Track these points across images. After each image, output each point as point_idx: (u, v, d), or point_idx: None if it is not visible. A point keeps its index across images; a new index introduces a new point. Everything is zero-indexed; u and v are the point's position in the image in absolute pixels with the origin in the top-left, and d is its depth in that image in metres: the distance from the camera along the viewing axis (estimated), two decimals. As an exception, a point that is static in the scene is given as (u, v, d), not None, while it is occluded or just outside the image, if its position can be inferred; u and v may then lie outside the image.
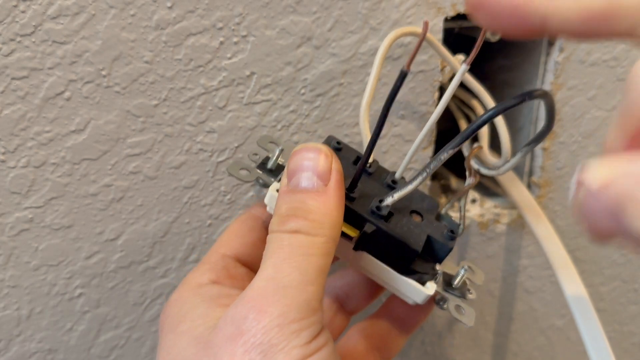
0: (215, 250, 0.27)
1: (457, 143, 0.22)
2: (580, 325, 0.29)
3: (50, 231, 0.30)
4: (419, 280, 0.25)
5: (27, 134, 0.28)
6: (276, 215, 0.23)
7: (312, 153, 0.23)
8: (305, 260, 0.21)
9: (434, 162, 0.23)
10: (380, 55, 0.28)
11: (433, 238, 0.25)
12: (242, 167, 0.26)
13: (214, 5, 0.28)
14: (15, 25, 0.25)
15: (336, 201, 0.22)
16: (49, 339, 0.33)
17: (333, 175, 0.23)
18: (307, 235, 0.22)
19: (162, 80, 0.28)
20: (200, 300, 0.24)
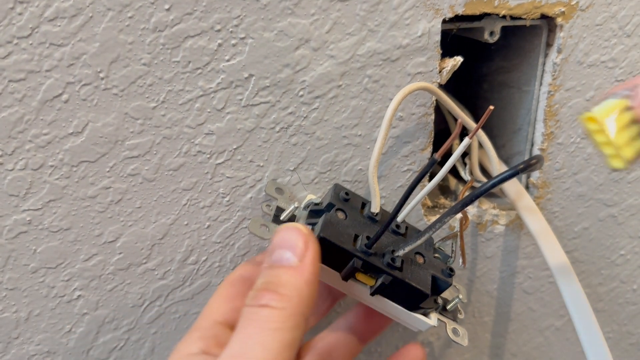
0: (206, 316, 0.28)
1: (459, 207, 0.25)
2: (578, 326, 0.29)
3: (48, 234, 0.30)
4: (423, 313, 0.28)
5: (25, 136, 0.27)
6: (252, 289, 0.23)
7: (291, 231, 0.24)
8: (270, 336, 0.21)
9: (438, 224, 0.25)
10: (388, 117, 0.29)
11: (436, 277, 0.28)
12: (261, 223, 0.29)
13: (211, 7, 0.27)
14: (12, 27, 0.25)
15: (308, 277, 0.23)
16: (48, 341, 0.33)
17: (308, 252, 0.24)
18: (274, 309, 0.22)
19: (160, 83, 0.28)
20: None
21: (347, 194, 0.29)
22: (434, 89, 0.31)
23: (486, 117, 0.23)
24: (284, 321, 0.22)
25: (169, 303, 0.34)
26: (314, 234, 0.26)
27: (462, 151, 0.24)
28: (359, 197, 0.30)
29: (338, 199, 0.29)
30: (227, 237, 0.33)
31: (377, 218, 0.29)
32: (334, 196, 0.29)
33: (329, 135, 0.32)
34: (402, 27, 0.31)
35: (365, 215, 0.29)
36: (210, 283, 0.34)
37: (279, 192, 0.31)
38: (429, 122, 0.33)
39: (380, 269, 0.26)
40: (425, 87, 0.30)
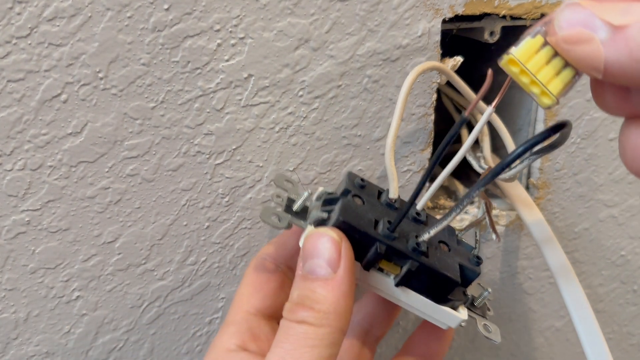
0: (238, 308, 0.28)
1: (487, 180, 0.23)
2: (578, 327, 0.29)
3: (47, 234, 0.30)
4: (452, 306, 0.26)
5: (24, 136, 0.27)
6: (289, 301, 0.24)
7: (324, 240, 0.24)
8: (309, 353, 0.22)
9: (466, 199, 0.23)
10: (404, 93, 0.28)
11: (464, 266, 0.26)
12: (272, 212, 0.27)
13: (211, 7, 0.27)
14: (11, 27, 0.25)
15: (344, 289, 0.23)
16: (47, 342, 0.32)
17: (342, 261, 0.23)
18: (311, 326, 0.22)
19: (159, 83, 0.28)
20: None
21: (362, 180, 0.28)
22: (446, 68, 0.30)
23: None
24: (322, 338, 0.22)
25: (168, 304, 0.34)
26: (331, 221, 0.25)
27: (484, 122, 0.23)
28: (374, 186, 0.29)
29: (353, 186, 0.27)
30: (226, 237, 0.33)
31: (396, 205, 0.27)
32: (348, 183, 0.27)
33: (328, 135, 0.32)
34: (402, 27, 0.30)
35: (383, 202, 0.27)
36: (209, 284, 0.34)
37: (288, 184, 0.30)
38: (429, 122, 0.33)
39: (405, 254, 0.25)
40: (437, 67, 0.30)
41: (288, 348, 0.22)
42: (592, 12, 0.17)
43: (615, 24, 0.16)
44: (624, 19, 0.16)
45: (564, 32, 0.18)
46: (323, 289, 0.23)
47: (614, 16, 0.16)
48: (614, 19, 0.16)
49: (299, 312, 0.23)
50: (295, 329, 0.22)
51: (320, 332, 0.22)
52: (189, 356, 0.36)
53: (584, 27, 0.17)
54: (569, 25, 0.17)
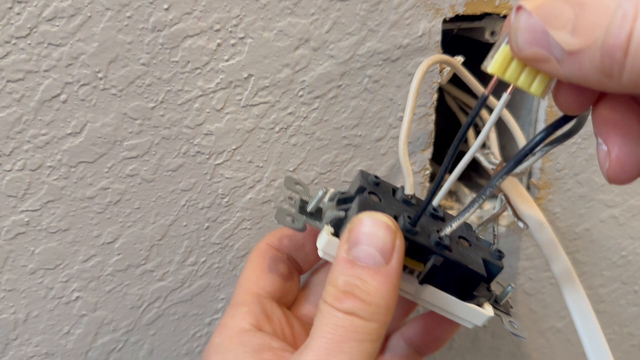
0: (247, 290, 0.27)
1: (510, 168, 0.22)
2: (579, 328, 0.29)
3: (46, 234, 0.30)
4: (477, 303, 0.25)
5: (23, 136, 0.27)
6: (332, 285, 0.22)
7: (379, 226, 0.22)
8: (357, 347, 0.21)
9: (488, 188, 0.23)
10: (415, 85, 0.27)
11: (487, 260, 0.25)
12: (287, 213, 0.26)
13: (211, 7, 0.27)
14: (11, 27, 0.25)
15: (395, 283, 0.22)
16: (46, 342, 0.32)
17: (395, 254, 0.22)
18: (362, 319, 0.21)
19: (159, 83, 0.28)
20: (242, 351, 0.24)
21: (376, 177, 0.27)
22: (454, 62, 0.30)
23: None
24: (370, 333, 0.21)
25: (168, 304, 0.34)
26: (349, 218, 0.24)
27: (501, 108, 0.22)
28: (388, 184, 0.28)
29: (368, 183, 0.26)
30: (226, 238, 0.33)
31: (412, 201, 0.27)
32: (363, 181, 0.26)
33: (328, 135, 0.32)
34: (402, 27, 0.30)
35: (399, 199, 0.27)
36: (209, 284, 0.34)
37: (299, 187, 0.29)
38: (430, 122, 0.33)
39: (429, 248, 0.24)
40: (445, 60, 0.29)
41: (334, 340, 0.21)
42: (545, 30, 0.17)
43: (566, 50, 0.17)
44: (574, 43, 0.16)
45: (523, 54, 0.18)
46: (374, 280, 0.22)
47: (565, 36, 0.17)
48: (565, 40, 0.17)
49: (347, 301, 0.21)
50: (342, 320, 0.21)
51: (370, 326, 0.21)
52: (189, 357, 0.36)
53: (540, 48, 0.17)
54: (525, 45, 0.18)
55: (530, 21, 0.17)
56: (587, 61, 0.16)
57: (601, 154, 0.19)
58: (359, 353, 0.21)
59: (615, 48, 0.16)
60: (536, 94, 0.19)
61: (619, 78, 0.16)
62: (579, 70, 0.17)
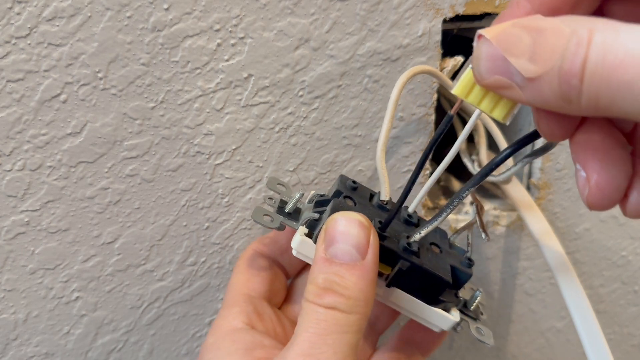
0: (238, 292, 0.28)
1: (476, 181, 0.23)
2: (579, 328, 0.29)
3: (46, 234, 0.30)
4: (444, 308, 0.26)
5: (23, 136, 0.27)
6: (312, 284, 0.23)
7: (353, 224, 0.23)
8: (339, 338, 0.22)
9: (456, 200, 0.23)
10: (393, 99, 0.28)
11: (455, 267, 0.26)
12: (264, 213, 0.27)
13: (211, 7, 0.27)
14: (11, 27, 0.25)
15: (372, 276, 0.23)
16: (46, 342, 0.32)
17: (370, 249, 0.23)
18: (343, 312, 0.22)
19: (159, 83, 0.28)
20: (235, 349, 0.25)
21: (354, 182, 0.28)
22: (437, 72, 0.30)
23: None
24: (351, 325, 0.22)
25: (168, 304, 0.34)
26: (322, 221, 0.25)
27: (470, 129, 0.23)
28: (367, 188, 0.29)
29: (345, 188, 0.27)
30: (226, 238, 0.33)
31: (388, 207, 0.27)
32: (340, 185, 0.27)
33: (328, 135, 0.32)
34: (402, 27, 0.30)
35: (375, 204, 0.27)
36: (209, 284, 0.34)
37: (281, 187, 0.30)
38: (430, 122, 0.33)
39: (396, 253, 0.25)
40: (428, 70, 0.30)
41: (318, 333, 0.22)
42: (504, 58, 0.17)
43: (526, 77, 0.17)
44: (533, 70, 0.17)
45: (485, 82, 0.18)
46: (352, 275, 0.23)
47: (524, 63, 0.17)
48: (524, 67, 0.17)
49: (327, 297, 0.22)
50: (324, 314, 0.22)
51: (350, 319, 0.22)
52: (189, 357, 0.36)
53: (501, 75, 0.18)
54: (487, 73, 0.18)
55: (490, 49, 0.18)
56: (547, 87, 0.17)
57: (580, 181, 0.19)
58: (342, 344, 0.22)
59: (571, 75, 0.16)
60: (498, 119, 0.20)
61: (577, 103, 0.16)
62: (539, 96, 0.17)
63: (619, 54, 0.15)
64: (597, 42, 0.15)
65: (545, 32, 0.17)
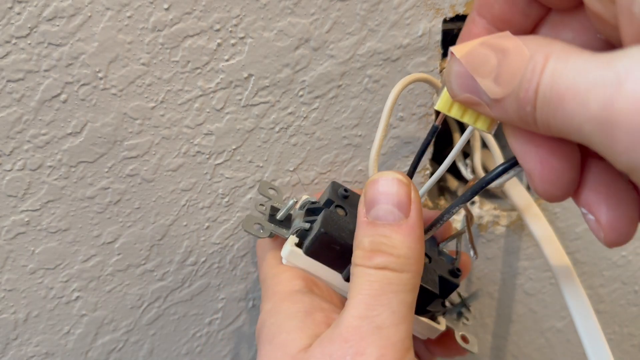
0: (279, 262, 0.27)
1: (467, 198, 0.23)
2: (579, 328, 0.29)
3: (47, 234, 0.30)
4: (431, 317, 0.26)
5: (23, 136, 0.27)
6: (359, 248, 0.23)
7: (391, 182, 0.23)
8: (396, 298, 0.21)
9: (446, 215, 0.23)
10: (388, 107, 0.28)
11: (443, 277, 0.26)
12: (255, 222, 0.27)
13: (211, 7, 0.27)
14: (11, 27, 0.25)
15: (418, 233, 0.23)
16: (46, 342, 0.32)
17: (413, 206, 0.23)
18: (394, 271, 0.22)
19: (159, 83, 0.28)
20: (295, 311, 0.24)
21: (345, 190, 0.28)
22: (433, 80, 0.30)
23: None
24: (405, 283, 0.22)
25: (168, 304, 0.34)
26: (313, 232, 0.25)
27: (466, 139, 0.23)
28: (358, 195, 0.29)
29: (337, 196, 0.27)
30: (226, 238, 0.33)
31: None
32: (332, 193, 0.27)
33: (329, 135, 0.32)
34: (402, 27, 0.30)
35: None
36: (209, 284, 0.34)
37: (273, 192, 0.30)
38: (430, 122, 0.33)
39: None
40: (424, 78, 0.30)
41: (373, 294, 0.21)
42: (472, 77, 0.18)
43: (491, 97, 0.17)
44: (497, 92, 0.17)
45: (457, 99, 0.19)
46: (398, 234, 0.22)
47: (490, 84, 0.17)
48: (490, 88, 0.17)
49: (377, 258, 0.22)
50: (375, 275, 0.22)
51: (403, 277, 0.22)
52: (189, 357, 0.36)
53: (471, 94, 0.18)
54: (458, 90, 0.18)
55: (460, 68, 0.18)
56: (509, 109, 0.17)
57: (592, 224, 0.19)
58: (398, 303, 0.21)
59: (525, 101, 0.16)
60: (482, 130, 0.20)
61: (535, 127, 0.17)
62: (505, 115, 0.17)
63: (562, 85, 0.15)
64: (549, 70, 0.15)
65: (509, 54, 0.17)
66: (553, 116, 0.15)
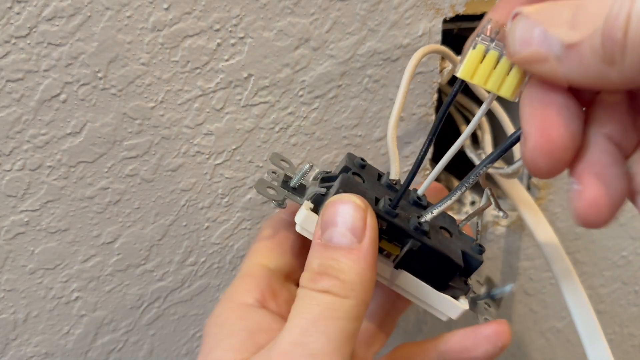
0: (255, 262, 0.26)
1: (494, 157, 0.22)
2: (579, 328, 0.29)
3: (46, 234, 0.30)
4: (452, 295, 0.25)
5: (23, 136, 0.27)
6: (308, 269, 0.22)
7: (347, 206, 0.22)
8: (333, 325, 0.20)
9: (472, 177, 0.22)
10: (408, 73, 0.27)
11: (466, 253, 0.25)
12: (267, 185, 0.25)
13: (211, 6, 0.27)
14: (10, 27, 0.25)
15: (369, 260, 0.22)
16: (46, 342, 0.32)
17: (367, 231, 0.22)
18: (336, 296, 0.21)
19: (158, 82, 0.28)
20: (239, 328, 0.23)
21: (363, 160, 0.26)
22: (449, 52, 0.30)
23: None
24: (347, 310, 0.21)
25: (168, 304, 0.34)
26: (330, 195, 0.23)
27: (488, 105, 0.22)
28: (375, 168, 0.27)
29: (354, 165, 0.26)
30: (226, 238, 0.33)
31: (397, 187, 0.26)
32: (349, 162, 0.26)
33: (328, 135, 0.32)
34: (402, 27, 0.30)
35: (384, 184, 0.26)
36: (209, 284, 0.34)
37: (285, 164, 0.28)
38: (430, 122, 0.33)
39: (406, 232, 0.23)
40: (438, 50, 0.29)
41: (310, 319, 0.20)
42: (544, 29, 0.17)
43: (566, 42, 0.16)
44: (574, 35, 0.16)
45: (520, 55, 0.18)
46: (347, 259, 0.21)
47: (564, 31, 0.16)
48: (565, 34, 0.16)
49: (322, 281, 0.21)
50: (318, 298, 0.21)
51: (345, 303, 0.21)
52: (189, 357, 0.36)
53: (538, 47, 0.17)
54: (523, 45, 0.18)
55: (528, 23, 0.17)
56: (588, 51, 0.16)
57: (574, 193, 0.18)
58: (336, 331, 0.20)
59: (615, 30, 0.15)
60: (506, 96, 0.19)
61: (621, 62, 0.16)
62: (579, 63, 0.16)
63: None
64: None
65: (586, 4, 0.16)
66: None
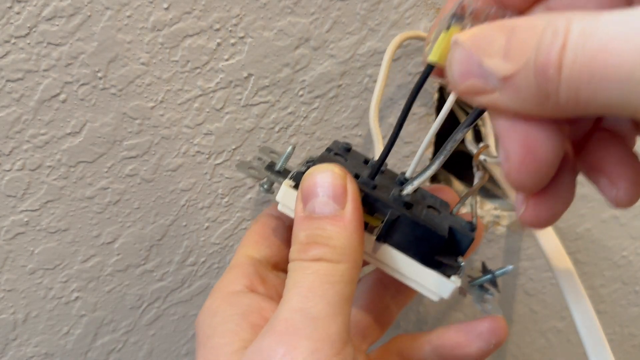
0: (243, 253, 0.27)
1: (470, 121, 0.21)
2: (580, 328, 0.29)
3: (46, 234, 0.30)
4: (443, 273, 0.23)
5: (23, 136, 0.27)
6: (295, 243, 0.22)
7: (325, 174, 0.22)
8: (331, 289, 0.20)
9: (450, 143, 0.22)
10: (387, 58, 0.27)
11: (455, 229, 0.24)
12: (249, 166, 0.25)
13: (211, 6, 0.27)
14: (10, 26, 0.25)
15: (355, 224, 0.22)
16: (46, 343, 0.32)
17: (350, 197, 0.22)
18: (330, 262, 0.21)
19: (158, 82, 0.28)
20: (230, 313, 0.23)
21: (347, 144, 0.26)
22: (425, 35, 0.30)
23: None
24: (342, 274, 0.21)
25: (168, 305, 0.34)
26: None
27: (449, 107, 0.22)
28: (361, 154, 0.27)
29: (337, 148, 0.26)
30: (226, 238, 0.33)
31: (382, 169, 0.26)
32: (332, 145, 0.26)
33: (328, 135, 0.32)
34: (402, 27, 0.30)
35: (368, 166, 0.26)
36: (209, 284, 0.34)
37: (274, 155, 0.28)
38: (430, 122, 0.33)
39: (385, 203, 0.23)
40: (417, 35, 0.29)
41: (308, 286, 0.20)
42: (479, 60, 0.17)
43: (500, 76, 0.16)
44: (507, 67, 0.16)
45: (460, 88, 0.18)
46: (334, 226, 0.21)
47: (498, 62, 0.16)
48: (498, 66, 0.16)
49: (313, 250, 0.21)
50: (311, 267, 0.21)
51: (340, 268, 0.21)
52: (189, 357, 0.36)
53: (476, 79, 0.17)
54: (461, 77, 0.17)
55: (463, 53, 0.17)
56: (523, 84, 0.16)
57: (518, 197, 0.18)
58: (335, 294, 0.20)
59: (547, 65, 0.15)
60: None
61: (556, 97, 0.15)
62: (516, 96, 0.16)
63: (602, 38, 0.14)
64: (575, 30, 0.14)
65: (519, 28, 0.16)
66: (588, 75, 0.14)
